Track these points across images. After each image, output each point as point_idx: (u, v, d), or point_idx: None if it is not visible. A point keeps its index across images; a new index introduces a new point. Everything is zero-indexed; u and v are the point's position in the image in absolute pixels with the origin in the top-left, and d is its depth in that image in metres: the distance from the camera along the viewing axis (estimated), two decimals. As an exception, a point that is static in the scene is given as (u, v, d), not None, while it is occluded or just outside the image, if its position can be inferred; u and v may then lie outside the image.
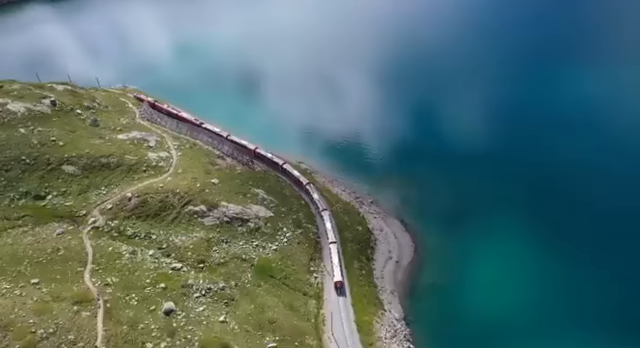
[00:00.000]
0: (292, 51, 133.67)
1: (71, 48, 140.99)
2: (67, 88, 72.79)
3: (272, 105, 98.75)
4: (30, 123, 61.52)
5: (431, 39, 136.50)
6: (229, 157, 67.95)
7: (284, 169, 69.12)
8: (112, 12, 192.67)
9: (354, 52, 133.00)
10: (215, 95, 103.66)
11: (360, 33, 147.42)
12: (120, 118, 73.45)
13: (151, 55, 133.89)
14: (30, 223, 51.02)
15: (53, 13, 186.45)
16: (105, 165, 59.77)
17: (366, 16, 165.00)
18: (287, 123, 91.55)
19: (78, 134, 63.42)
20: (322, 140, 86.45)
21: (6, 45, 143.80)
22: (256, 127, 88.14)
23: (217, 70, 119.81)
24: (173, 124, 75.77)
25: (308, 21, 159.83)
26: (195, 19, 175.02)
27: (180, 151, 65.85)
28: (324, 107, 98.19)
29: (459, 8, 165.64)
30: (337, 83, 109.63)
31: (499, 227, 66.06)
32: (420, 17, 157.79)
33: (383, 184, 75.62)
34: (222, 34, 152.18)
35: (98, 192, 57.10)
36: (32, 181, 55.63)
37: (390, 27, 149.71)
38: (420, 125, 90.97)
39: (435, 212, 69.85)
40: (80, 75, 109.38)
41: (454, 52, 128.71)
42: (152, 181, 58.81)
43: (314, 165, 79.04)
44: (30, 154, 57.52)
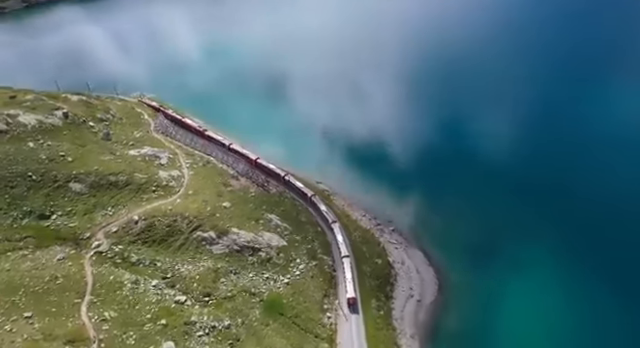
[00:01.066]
0: (317, 55, 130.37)
1: (95, 51, 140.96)
2: (81, 98, 71.26)
3: (293, 116, 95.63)
4: (40, 136, 59.82)
5: (461, 42, 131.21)
6: (244, 177, 64.97)
7: (286, 181, 66.12)
8: (138, 13, 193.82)
9: (380, 56, 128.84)
10: (235, 103, 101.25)
11: (386, 35, 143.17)
12: (134, 131, 71.45)
13: (173, 59, 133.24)
14: (31, 245, 48.87)
15: (81, 14, 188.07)
16: (113, 183, 57.48)
17: (393, 17, 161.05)
18: (308, 136, 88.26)
19: (88, 149, 61.45)
20: (343, 155, 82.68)
21: (34, 46, 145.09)
22: (276, 141, 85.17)
23: (239, 75, 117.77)
24: (188, 137, 73.39)
25: (333, 23, 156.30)
26: (220, 20, 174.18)
27: (192, 170, 63.16)
28: (347, 118, 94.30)
29: (492, 7, 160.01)
30: (360, 90, 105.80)
31: (532, 263, 60.90)
32: (450, 18, 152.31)
33: (406, 208, 71.26)
34: (246, 37, 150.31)
35: (104, 212, 54.77)
36: (37, 199, 53.66)
37: (418, 29, 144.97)
38: (447, 140, 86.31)
39: (461, 242, 65.18)
40: (101, 80, 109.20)
41: (485, 57, 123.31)
42: (161, 203, 56.19)
43: (334, 185, 75.32)
44: (37, 170, 55.66)
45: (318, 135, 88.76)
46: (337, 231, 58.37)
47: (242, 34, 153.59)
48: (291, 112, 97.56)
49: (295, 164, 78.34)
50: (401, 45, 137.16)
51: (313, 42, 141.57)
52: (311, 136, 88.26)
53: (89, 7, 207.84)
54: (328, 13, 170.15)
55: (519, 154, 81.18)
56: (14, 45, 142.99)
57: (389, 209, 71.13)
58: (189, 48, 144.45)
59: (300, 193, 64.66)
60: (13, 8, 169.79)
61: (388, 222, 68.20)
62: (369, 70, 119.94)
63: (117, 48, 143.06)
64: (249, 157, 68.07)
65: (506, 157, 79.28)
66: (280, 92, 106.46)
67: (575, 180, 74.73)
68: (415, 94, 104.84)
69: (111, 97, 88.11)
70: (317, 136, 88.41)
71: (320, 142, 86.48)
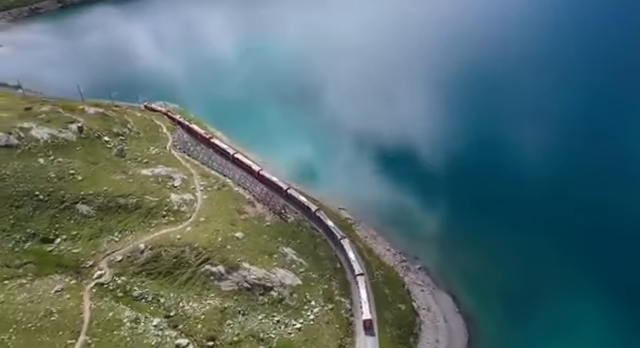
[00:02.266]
0: (349, 59, 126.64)
1: (124, 55, 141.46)
2: (98, 111, 69.53)
3: (321, 130, 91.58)
4: (51, 152, 58.01)
5: (497, 44, 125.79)
6: (260, 202, 61.24)
7: (288, 195, 63.13)
8: (171, 14, 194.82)
9: (414, 59, 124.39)
10: (260, 114, 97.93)
11: (421, 36, 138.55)
12: (150, 147, 69.10)
13: (202, 63, 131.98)
14: (31, 273, 46.62)
15: (114, 15, 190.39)
16: (122, 206, 54.90)
17: (428, 17, 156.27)
18: (334, 155, 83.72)
19: (100, 167, 59.26)
20: (370, 177, 78.06)
21: (66, 48, 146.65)
22: (299, 160, 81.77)
23: (267, 82, 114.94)
24: (206, 155, 70.48)
25: (366, 25, 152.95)
26: (254, 21, 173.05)
27: (206, 193, 60.00)
28: (376, 133, 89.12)
29: (533, 5, 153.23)
30: (392, 101, 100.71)
31: (579, 318, 54.54)
32: (486, 18, 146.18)
33: (435, 242, 66.09)
34: (279, 39, 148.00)
35: (110, 238, 52.19)
36: (42, 221, 51.58)
37: (452, 30, 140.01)
38: (484, 165, 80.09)
39: (496, 286, 59.40)
40: (127, 85, 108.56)
41: (523, 60, 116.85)
42: (170, 230, 53.17)
43: (357, 212, 70.89)
44: (45, 189, 53.66)
45: (345, 154, 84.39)
46: (347, 248, 55.37)
47: (274, 36, 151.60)
48: (319, 125, 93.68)
49: (319, 188, 74.65)
50: (435, 48, 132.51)
51: (346, 44, 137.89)
52: (337, 155, 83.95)
53: (123, 7, 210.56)
54: (362, 14, 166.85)
55: (568, 184, 74.23)
56: (47, 46, 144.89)
57: (416, 243, 66.07)
58: (219, 51, 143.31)
59: (303, 206, 61.93)
60: (48, 8, 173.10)
61: (414, 259, 63.15)
62: (403, 77, 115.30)
63: (146, 51, 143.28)
64: (278, 185, 64.24)
65: (552, 189, 72.86)
66: (309, 102, 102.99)
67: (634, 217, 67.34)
68: (450, 106, 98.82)
69: (132, 107, 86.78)
70: (343, 155, 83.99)
71: (346, 162, 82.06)
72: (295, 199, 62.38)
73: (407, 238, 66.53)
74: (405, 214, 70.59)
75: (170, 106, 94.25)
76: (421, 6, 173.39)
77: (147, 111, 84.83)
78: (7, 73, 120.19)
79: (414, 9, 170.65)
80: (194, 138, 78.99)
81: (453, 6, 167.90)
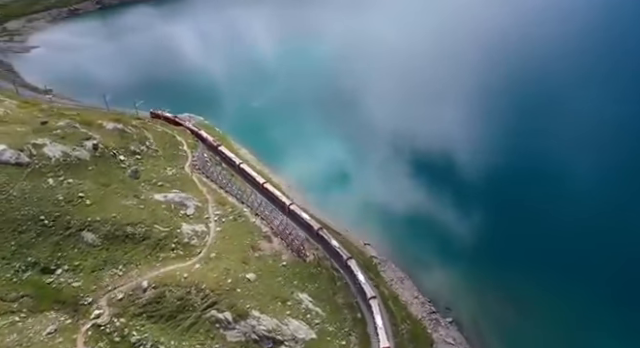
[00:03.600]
0: (392, 64, 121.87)
1: (157, 59, 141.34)
2: (117, 126, 67.18)
3: (353, 150, 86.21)
4: (62, 172, 55.64)
5: (559, 47, 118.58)
6: (278, 237, 56.85)
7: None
8: (210, 15, 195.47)
9: (463, 65, 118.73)
10: (289, 128, 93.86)
11: (472, 38, 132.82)
12: (167, 167, 66.15)
13: (236, 69, 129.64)
14: (26, 308, 44.08)
15: (152, 17, 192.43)
16: (130, 236, 51.82)
17: (481, 17, 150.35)
18: (365, 178, 78.30)
19: (111, 189, 56.50)
20: (401, 208, 72.07)
21: (101, 50, 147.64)
22: (327, 183, 77.23)
23: (303, 93, 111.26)
24: (225, 178, 66.88)
25: (414, 26, 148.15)
26: (293, 24, 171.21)
27: (220, 225, 56.20)
28: (414, 158, 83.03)
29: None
30: (434, 114, 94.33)
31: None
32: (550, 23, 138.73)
33: (470, 290, 59.90)
34: (319, 42, 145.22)
35: (114, 272, 49.07)
36: (45, 249, 49.00)
37: (510, 31, 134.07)
38: (533, 200, 72.29)
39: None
40: (154, 93, 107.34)
41: (593, 68, 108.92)
42: (177, 266, 49.60)
43: (384, 248, 65.50)
44: (50, 213, 51.17)
45: (376, 179, 78.71)
46: (355, 268, 53.01)
47: (315, 39, 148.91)
48: (352, 145, 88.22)
49: (345, 217, 69.85)
50: (485, 47, 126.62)
51: (390, 46, 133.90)
52: (368, 180, 78.30)
53: (161, 8, 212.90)
54: (408, 14, 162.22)
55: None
56: (81, 48, 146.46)
57: (449, 289, 59.97)
58: (255, 55, 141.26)
59: (306, 225, 58.88)
60: (87, 9, 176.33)
61: (446, 310, 57.08)
62: (450, 82, 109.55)
63: (179, 56, 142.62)
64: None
65: (617, 233, 64.92)
66: (345, 114, 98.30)
67: None
68: (502, 120, 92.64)
69: (154, 120, 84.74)
70: (375, 181, 78.32)
71: (377, 189, 76.46)
72: (325, 241, 57.86)
73: (438, 283, 60.46)
74: (438, 254, 64.67)
75: (195, 119, 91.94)
76: (470, 4, 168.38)
77: (168, 124, 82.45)
78: (41, 74, 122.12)
79: (462, 7, 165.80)
80: (216, 157, 76.04)
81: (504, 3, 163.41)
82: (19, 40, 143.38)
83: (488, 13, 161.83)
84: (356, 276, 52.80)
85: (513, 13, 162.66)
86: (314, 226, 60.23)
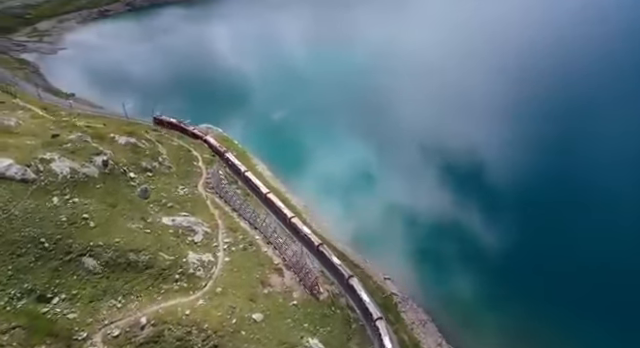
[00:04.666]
0: (432, 73, 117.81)
1: (183, 63, 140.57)
2: (130, 141, 64.94)
3: (383, 171, 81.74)
4: (68, 190, 53.44)
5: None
6: (290, 270, 53.08)
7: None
8: (241, 17, 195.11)
9: (499, 75, 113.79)
10: (316, 143, 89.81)
11: (519, 44, 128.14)
12: (179, 186, 63.37)
13: (263, 76, 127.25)
14: (17, 342, 41.46)
15: (181, 19, 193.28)
16: (132, 264, 49.03)
17: (528, 22, 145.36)
18: (392, 204, 73.24)
19: (117, 211, 53.96)
20: (428, 242, 67.24)
21: (129, 52, 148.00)
22: (349, 206, 73.13)
23: (336, 102, 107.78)
24: (239, 199, 63.70)
25: (457, 30, 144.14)
26: (329, 27, 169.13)
27: (229, 254, 52.87)
28: (444, 181, 78.05)
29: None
30: (469, 134, 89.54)
31: None
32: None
33: (504, 340, 54.59)
34: (355, 47, 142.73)
35: (112, 303, 46.27)
36: (43, 275, 46.59)
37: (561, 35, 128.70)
38: (575, 234, 67.01)
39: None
40: (177, 100, 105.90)
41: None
42: (179, 301, 46.44)
43: (408, 285, 60.81)
44: (52, 236, 48.84)
45: (403, 206, 73.65)
46: (358, 287, 51.36)
47: (349, 45, 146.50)
48: (379, 164, 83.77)
49: (365, 246, 65.66)
50: (532, 54, 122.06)
51: (426, 55, 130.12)
52: (396, 207, 73.11)
53: (193, 9, 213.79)
54: (450, 18, 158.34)
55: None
56: (108, 50, 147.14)
57: (478, 336, 54.92)
58: (285, 61, 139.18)
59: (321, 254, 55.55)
60: (117, 11, 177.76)
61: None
62: (494, 96, 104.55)
63: (206, 60, 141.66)
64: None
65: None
66: (374, 131, 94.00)
67: None
68: (541, 137, 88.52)
69: (170, 133, 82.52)
70: (402, 207, 73.29)
71: (404, 216, 71.59)
72: (341, 274, 53.87)
73: (465, 329, 55.49)
74: (466, 293, 59.73)
75: (214, 130, 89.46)
76: (517, 8, 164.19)
77: (185, 137, 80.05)
78: (66, 77, 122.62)
79: (510, 11, 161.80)
80: (232, 175, 73.15)
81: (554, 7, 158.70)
82: (48, 41, 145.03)
83: (525, 14, 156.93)
84: (373, 320, 48.46)
85: (551, 13, 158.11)
86: (330, 258, 56.37)
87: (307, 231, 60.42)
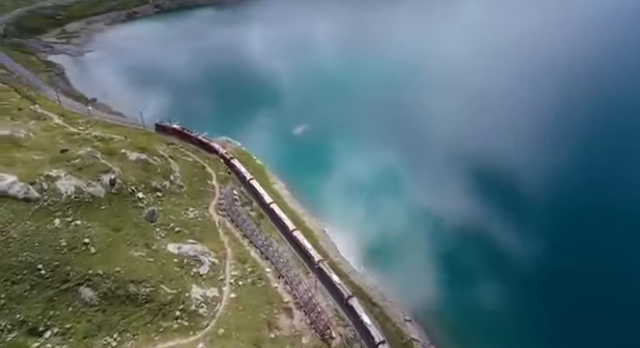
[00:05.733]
0: (461, 89, 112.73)
1: (209, 68, 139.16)
2: (141, 157, 62.44)
3: (406, 197, 75.98)
4: (71, 212, 51.05)
5: None
6: (301, 310, 49.08)
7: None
8: (272, 20, 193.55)
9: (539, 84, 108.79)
10: (342, 159, 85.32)
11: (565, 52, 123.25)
12: (189, 208, 60.40)
13: (290, 83, 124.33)
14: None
15: (211, 21, 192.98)
16: (132, 297, 46.04)
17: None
18: (414, 236, 67.37)
19: (121, 236, 51.22)
20: (456, 280, 61.62)
21: (153, 56, 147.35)
22: (367, 234, 68.45)
23: (366, 113, 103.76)
24: (251, 225, 60.18)
25: (496, 33, 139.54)
26: (363, 29, 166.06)
27: (236, 290, 49.30)
28: (477, 216, 71.90)
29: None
30: (510, 157, 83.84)
31: None
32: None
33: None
34: (385, 56, 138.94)
35: (107, 341, 43.36)
36: (37, 305, 44.03)
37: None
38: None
39: None
40: (198, 109, 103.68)
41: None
42: (178, 343, 43.18)
43: (430, 328, 55.78)
44: (50, 262, 46.36)
45: (430, 237, 67.97)
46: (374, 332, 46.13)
47: (381, 51, 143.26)
48: (406, 188, 78.24)
49: (386, 282, 60.93)
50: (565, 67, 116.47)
51: (462, 64, 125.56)
52: (421, 238, 67.49)
53: (222, 12, 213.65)
54: (489, 20, 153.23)
55: None
56: (135, 53, 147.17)
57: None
58: (309, 69, 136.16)
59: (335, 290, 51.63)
60: (145, 13, 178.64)
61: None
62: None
63: (232, 65, 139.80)
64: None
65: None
66: (402, 150, 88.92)
67: None
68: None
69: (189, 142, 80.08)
70: (429, 239, 67.63)
71: (431, 249, 66.11)
72: (356, 314, 49.56)
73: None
74: (494, 340, 54.39)
75: (232, 144, 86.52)
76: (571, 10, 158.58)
77: (200, 151, 77.29)
78: (89, 81, 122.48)
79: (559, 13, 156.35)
80: (248, 194, 69.87)
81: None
82: (75, 43, 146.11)
83: (571, 20, 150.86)
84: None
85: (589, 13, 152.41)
86: (344, 294, 52.05)
87: (322, 262, 56.23)
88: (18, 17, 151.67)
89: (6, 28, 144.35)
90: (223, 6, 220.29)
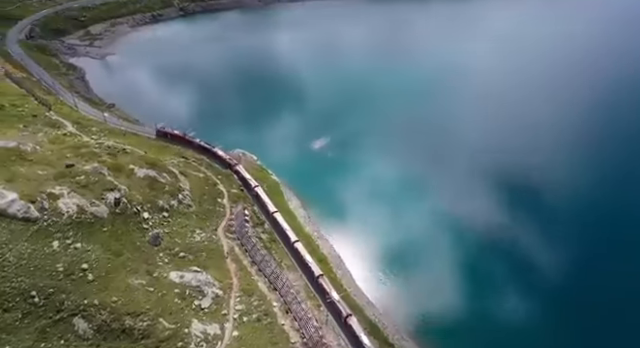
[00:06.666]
0: (497, 106, 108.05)
1: (231, 75, 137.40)
2: (149, 174, 59.92)
3: (436, 221, 70.93)
4: (71, 233, 48.75)
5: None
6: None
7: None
8: (296, 26, 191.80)
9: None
10: (356, 181, 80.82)
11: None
12: (196, 229, 57.53)
13: (309, 97, 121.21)
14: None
15: (237, 25, 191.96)
16: (128, 331, 43.22)
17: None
18: (440, 268, 62.02)
19: (121, 261, 48.61)
20: (487, 321, 57.13)
21: (175, 60, 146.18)
22: (388, 262, 64.17)
23: (383, 134, 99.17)
24: (261, 251, 56.84)
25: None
26: (392, 39, 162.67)
27: (239, 327, 45.95)
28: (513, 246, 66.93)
29: None
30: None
31: None
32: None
33: None
34: (419, 65, 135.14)
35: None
36: (28, 336, 41.66)
37: None
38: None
39: None
40: (217, 119, 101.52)
41: None
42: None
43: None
44: (44, 289, 44.01)
45: (459, 270, 62.53)
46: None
47: (419, 56, 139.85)
48: (436, 210, 73.16)
49: (405, 319, 56.66)
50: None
51: (495, 77, 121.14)
52: (447, 271, 61.95)
53: (246, 16, 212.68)
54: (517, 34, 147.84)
55: None
56: (154, 58, 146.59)
57: None
58: (335, 78, 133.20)
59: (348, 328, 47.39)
60: (169, 16, 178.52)
61: None
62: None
63: (251, 73, 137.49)
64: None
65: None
66: (432, 169, 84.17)
67: None
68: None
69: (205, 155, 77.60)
70: (457, 272, 62.21)
71: (457, 283, 60.93)
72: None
73: None
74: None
75: (248, 157, 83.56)
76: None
77: (215, 166, 74.57)
78: (108, 86, 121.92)
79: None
80: (260, 212, 66.72)
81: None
82: (98, 45, 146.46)
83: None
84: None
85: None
86: (360, 337, 48.18)
87: (335, 296, 52.44)
88: (44, 18, 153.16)
89: (32, 29, 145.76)
90: (248, 10, 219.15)
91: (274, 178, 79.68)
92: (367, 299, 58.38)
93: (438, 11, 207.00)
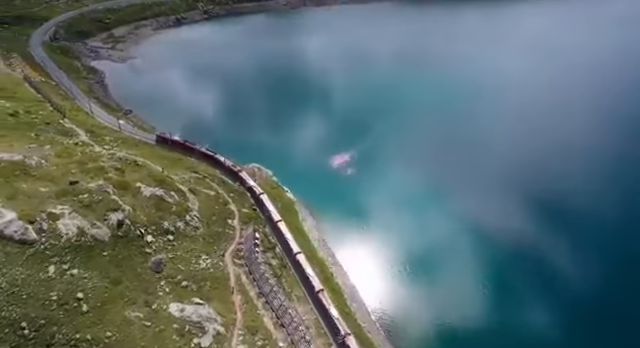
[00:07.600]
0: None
1: (257, 83, 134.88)
2: (156, 193, 57.33)
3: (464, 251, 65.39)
4: (69, 258, 46.44)
5: None
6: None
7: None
8: (322, 30, 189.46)
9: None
10: (380, 203, 75.93)
11: None
12: (202, 255, 54.58)
13: (333, 108, 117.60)
14: None
15: (258, 29, 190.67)
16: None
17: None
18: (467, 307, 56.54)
19: (119, 290, 46.00)
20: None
21: (197, 66, 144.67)
22: (408, 296, 59.91)
23: (414, 150, 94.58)
24: (269, 280, 53.49)
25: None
26: (426, 48, 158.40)
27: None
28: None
29: None
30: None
31: None
32: None
33: None
34: (455, 77, 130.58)
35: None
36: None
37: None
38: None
39: None
40: (235, 130, 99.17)
41: None
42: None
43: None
44: (35, 320, 41.56)
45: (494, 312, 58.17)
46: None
47: (450, 66, 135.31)
48: (471, 237, 67.96)
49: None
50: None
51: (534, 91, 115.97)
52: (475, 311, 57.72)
53: (271, 18, 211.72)
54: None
55: None
56: (177, 62, 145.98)
57: None
58: (362, 86, 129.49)
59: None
60: (193, 19, 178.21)
61: None
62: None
63: (275, 81, 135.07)
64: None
65: None
66: (463, 192, 78.95)
67: None
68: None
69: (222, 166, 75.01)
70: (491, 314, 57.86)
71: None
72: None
73: None
74: None
75: (263, 172, 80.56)
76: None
77: (228, 183, 71.77)
78: (129, 89, 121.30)
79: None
80: (271, 234, 63.51)
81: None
82: (120, 48, 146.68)
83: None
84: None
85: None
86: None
87: (347, 332, 48.70)
88: (69, 20, 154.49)
89: (56, 31, 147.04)
90: (273, 13, 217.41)
91: (289, 196, 76.49)
92: (385, 335, 54.46)
93: (474, 17, 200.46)
